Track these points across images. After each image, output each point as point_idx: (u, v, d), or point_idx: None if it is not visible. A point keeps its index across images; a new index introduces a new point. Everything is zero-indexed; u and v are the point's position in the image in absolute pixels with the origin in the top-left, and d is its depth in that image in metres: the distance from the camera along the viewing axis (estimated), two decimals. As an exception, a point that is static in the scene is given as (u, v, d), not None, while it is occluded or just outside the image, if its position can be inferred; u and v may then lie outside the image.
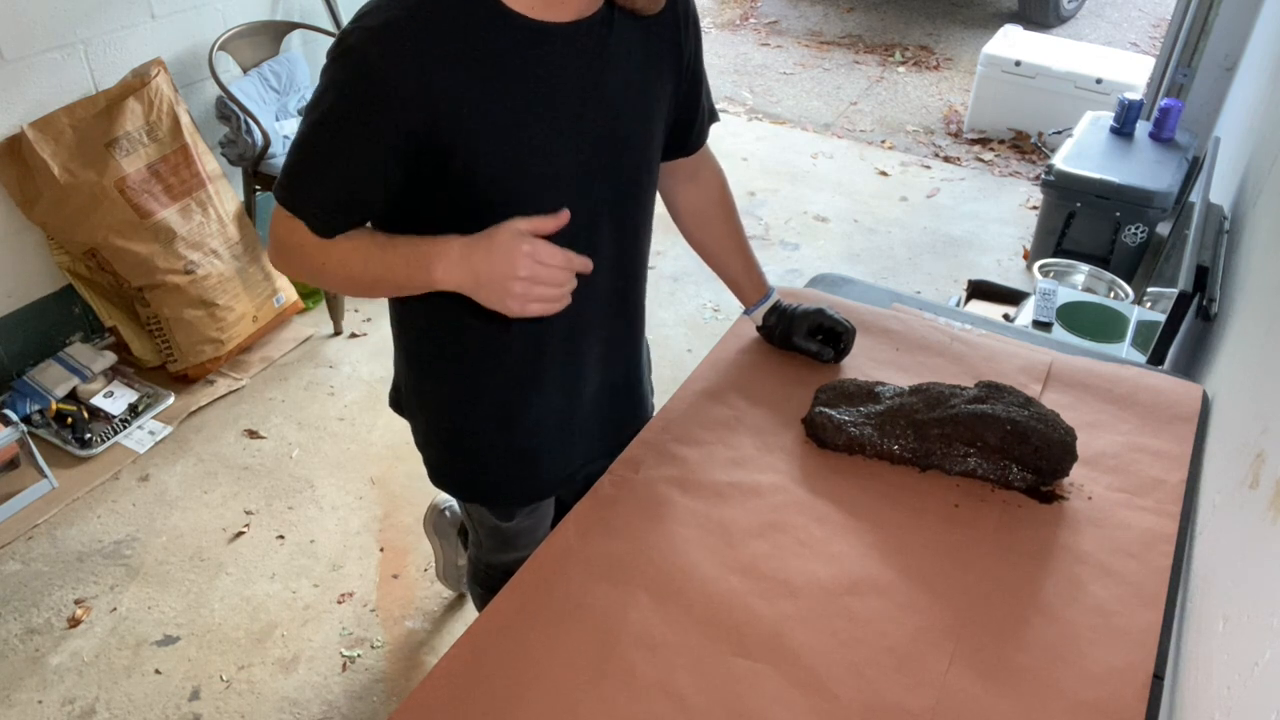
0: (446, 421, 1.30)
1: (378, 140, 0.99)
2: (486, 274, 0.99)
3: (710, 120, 1.30)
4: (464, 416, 1.27)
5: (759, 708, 0.94)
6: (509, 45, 1.00)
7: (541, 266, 0.97)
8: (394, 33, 0.95)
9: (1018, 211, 3.84)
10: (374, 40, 0.95)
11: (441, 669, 0.97)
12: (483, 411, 1.26)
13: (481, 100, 0.99)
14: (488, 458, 1.30)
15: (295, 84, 2.94)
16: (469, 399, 1.25)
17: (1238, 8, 3.34)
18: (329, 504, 2.32)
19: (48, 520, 2.24)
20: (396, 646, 1.98)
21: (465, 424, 1.28)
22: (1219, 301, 1.74)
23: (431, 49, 0.96)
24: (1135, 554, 1.13)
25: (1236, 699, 0.84)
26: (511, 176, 1.05)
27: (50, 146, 2.33)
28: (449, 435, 1.31)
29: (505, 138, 1.02)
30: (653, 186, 1.23)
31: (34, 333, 2.57)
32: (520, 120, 1.02)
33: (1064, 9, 5.86)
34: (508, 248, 0.97)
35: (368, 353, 2.85)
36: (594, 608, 1.04)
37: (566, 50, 1.03)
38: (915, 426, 1.23)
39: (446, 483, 1.37)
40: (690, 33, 1.17)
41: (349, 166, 1.01)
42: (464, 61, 0.97)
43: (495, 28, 0.99)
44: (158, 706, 1.85)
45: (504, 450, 1.29)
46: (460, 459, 1.33)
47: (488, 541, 1.49)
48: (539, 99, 1.03)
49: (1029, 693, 0.96)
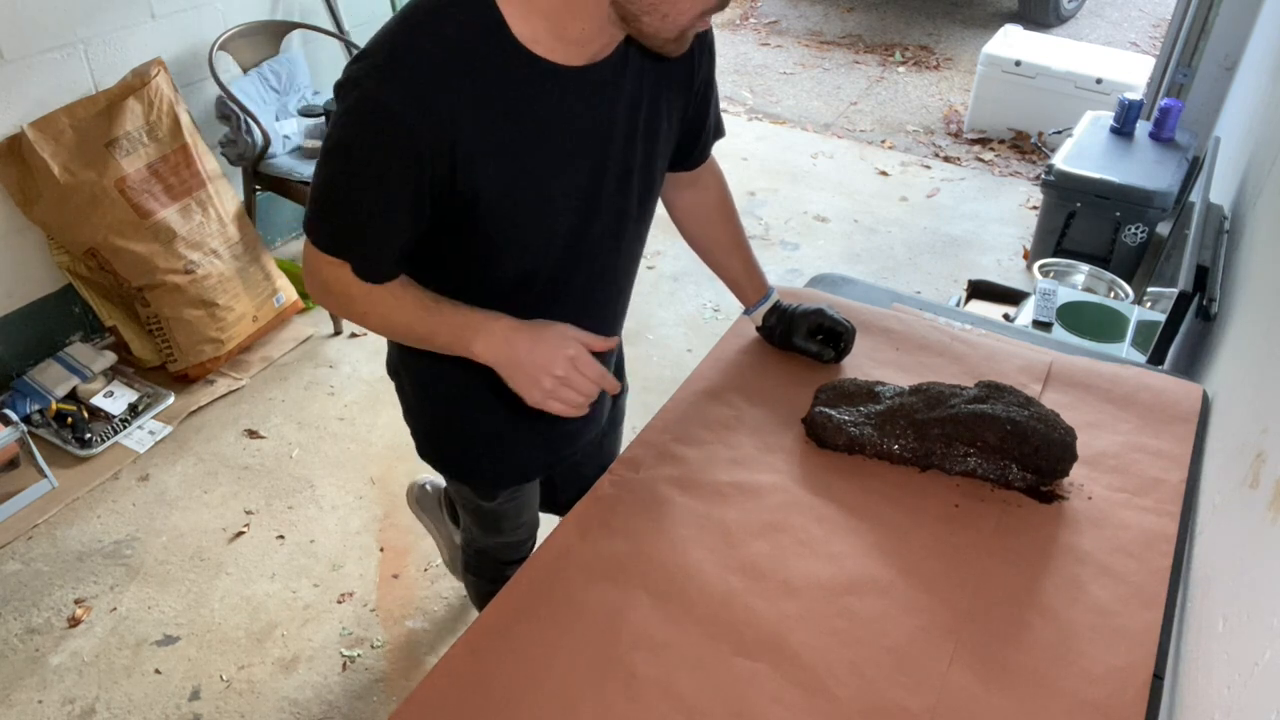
0: (432, 397, 1.32)
1: (407, 183, 0.97)
2: (526, 360, 1.04)
3: (715, 136, 1.30)
4: (449, 395, 1.29)
5: (759, 708, 0.94)
6: (522, 83, 0.98)
7: (577, 374, 1.04)
8: (409, 72, 0.93)
9: (1018, 211, 3.84)
10: (388, 82, 0.93)
11: (441, 669, 0.97)
12: (467, 392, 1.26)
13: (493, 136, 0.98)
14: (470, 437, 1.32)
15: (295, 84, 2.94)
16: (456, 378, 1.25)
17: (1238, 8, 3.34)
18: (329, 504, 2.32)
19: (48, 520, 2.24)
20: (396, 646, 1.98)
21: (450, 402, 1.30)
22: (1219, 301, 1.74)
23: (449, 86, 0.94)
24: (1135, 554, 1.13)
25: (1236, 699, 0.84)
26: (519, 212, 1.04)
27: (50, 146, 2.33)
28: (434, 411, 1.33)
29: (514, 174, 1.01)
30: (654, 205, 1.23)
31: (34, 333, 2.57)
32: (530, 157, 1.02)
33: (1064, 9, 5.86)
34: (554, 344, 1.04)
35: (368, 353, 2.85)
36: (594, 608, 1.04)
37: (580, 90, 1.02)
38: (915, 426, 1.23)
39: (430, 457, 1.38)
40: (705, 55, 1.16)
41: (386, 212, 1.00)
42: (480, 99, 0.96)
43: (510, 66, 0.97)
44: (158, 706, 1.85)
45: (485, 432, 1.30)
46: (443, 435, 1.35)
47: (474, 526, 1.52)
48: (550, 137, 1.02)
49: (1029, 693, 0.96)
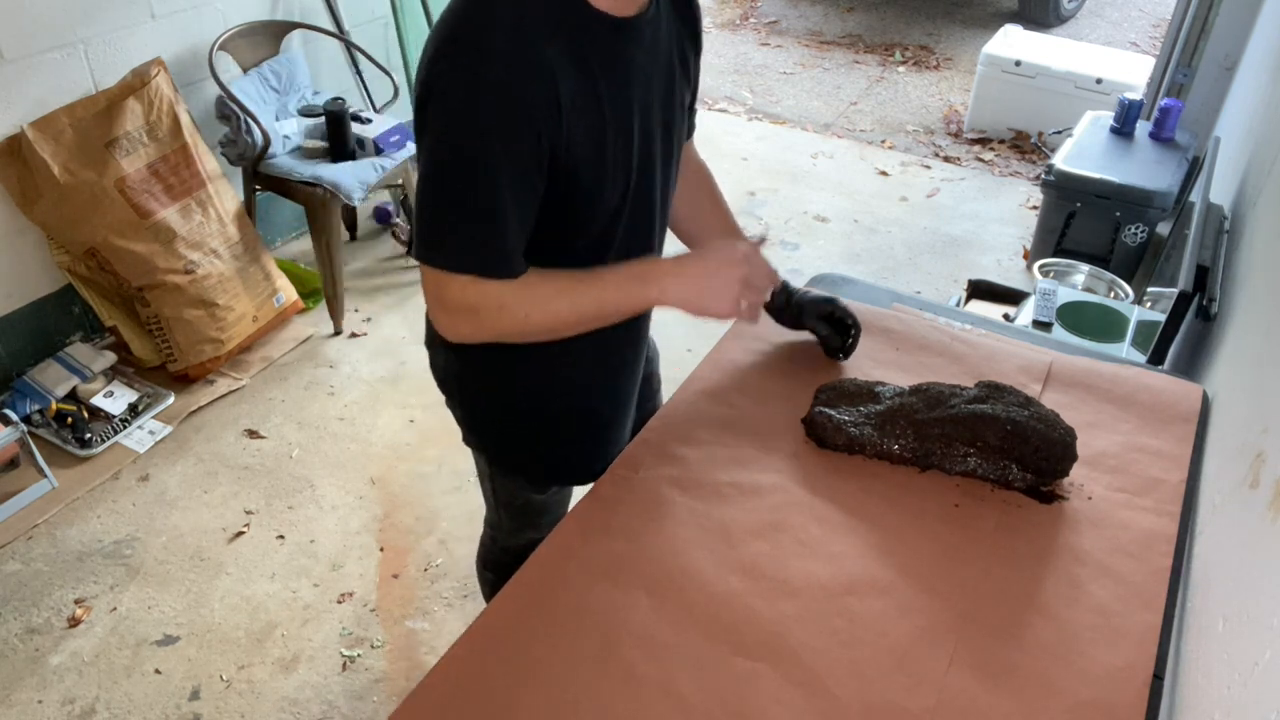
0: (509, 391, 1.28)
1: (529, 157, 0.98)
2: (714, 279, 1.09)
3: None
4: (512, 403, 1.28)
5: (759, 708, 0.94)
6: (596, 38, 1.02)
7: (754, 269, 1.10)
8: (506, 44, 0.94)
9: (1018, 211, 3.84)
10: (488, 60, 0.94)
11: (441, 669, 0.97)
12: (551, 387, 1.26)
13: (581, 94, 1.00)
14: (535, 444, 1.32)
15: (295, 84, 2.94)
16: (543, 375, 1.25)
17: (1238, 8, 3.34)
18: (329, 504, 2.32)
19: (48, 520, 2.24)
20: (396, 646, 1.98)
21: (529, 398, 1.27)
22: (1219, 301, 1.74)
23: (542, 49, 0.96)
24: (1135, 554, 1.13)
25: (1236, 699, 0.84)
26: (596, 167, 1.06)
27: (50, 146, 2.33)
28: (500, 421, 1.31)
29: (602, 129, 1.04)
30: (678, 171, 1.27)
31: (34, 332, 2.57)
32: (612, 109, 1.05)
33: (1064, 9, 5.86)
34: (724, 255, 1.10)
35: (368, 353, 2.85)
36: (594, 608, 1.04)
37: (638, 39, 1.07)
38: (915, 426, 1.23)
39: (487, 445, 1.36)
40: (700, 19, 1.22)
41: (517, 192, 0.99)
42: (567, 58, 0.99)
43: (582, 22, 1.01)
44: (158, 706, 1.85)
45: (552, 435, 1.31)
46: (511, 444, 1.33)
47: (509, 522, 1.48)
48: (624, 87, 1.06)
49: (1029, 693, 0.96)
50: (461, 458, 2.47)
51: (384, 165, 2.84)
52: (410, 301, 3.10)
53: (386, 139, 2.87)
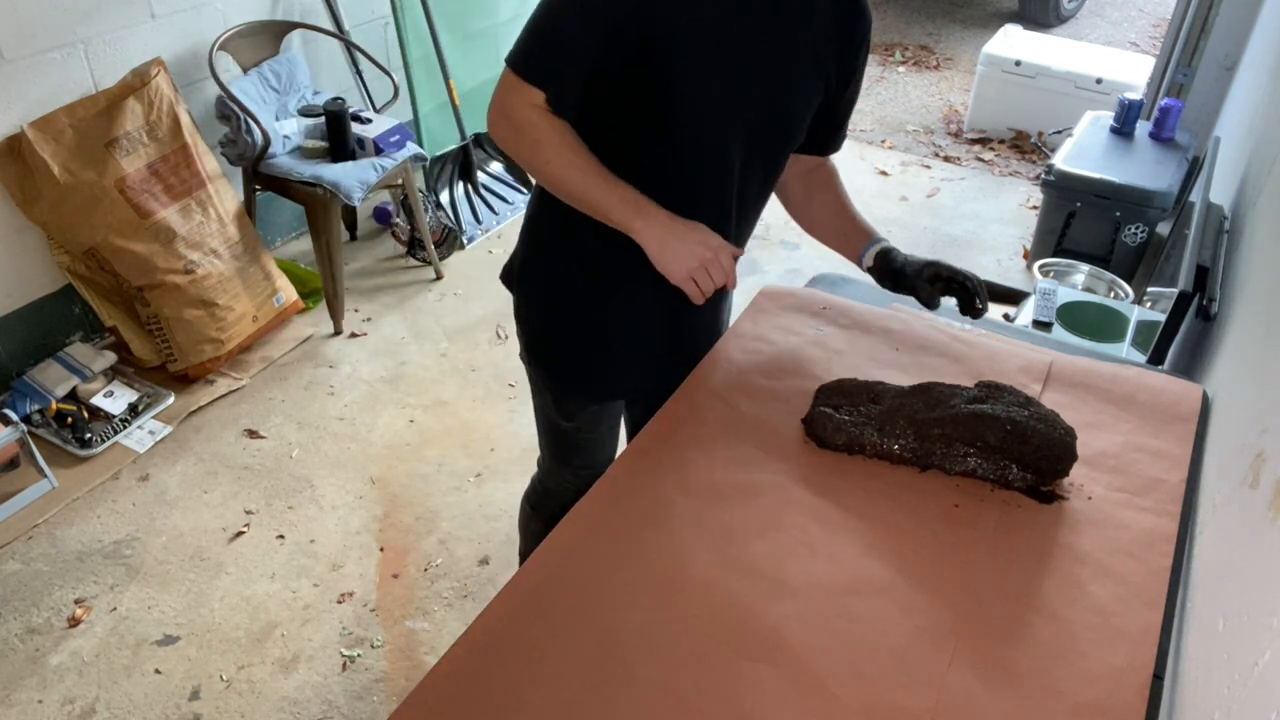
0: (554, 296, 1.41)
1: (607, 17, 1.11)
2: (681, 242, 1.19)
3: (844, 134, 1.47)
4: (565, 296, 1.40)
5: (759, 708, 0.94)
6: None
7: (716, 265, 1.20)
8: None
9: (1018, 211, 3.84)
10: None
11: (441, 669, 0.97)
12: (583, 298, 1.38)
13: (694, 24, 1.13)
14: (577, 339, 1.42)
15: (295, 84, 2.94)
16: (573, 282, 1.38)
17: (1238, 8, 3.34)
18: (329, 504, 2.32)
19: (48, 520, 2.24)
20: (396, 646, 1.98)
21: (563, 303, 1.40)
22: (1219, 301, 1.74)
23: None
24: (1135, 554, 1.13)
25: (1236, 699, 0.84)
26: (699, 98, 1.18)
27: (50, 146, 2.33)
28: (552, 308, 1.42)
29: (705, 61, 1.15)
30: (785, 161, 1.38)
31: (34, 332, 2.57)
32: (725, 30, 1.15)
33: (1064, 9, 5.86)
34: (704, 235, 1.21)
35: (368, 353, 2.85)
36: (594, 608, 1.04)
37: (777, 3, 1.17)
38: (915, 426, 1.23)
39: (532, 356, 1.48)
40: (864, 51, 1.32)
41: (580, 45, 1.13)
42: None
43: None
44: (158, 706, 1.85)
45: (588, 337, 1.41)
46: (551, 334, 1.44)
47: (551, 458, 1.61)
48: (744, 37, 1.16)
49: (1029, 693, 0.96)
50: (462, 457, 2.47)
51: (384, 165, 2.84)
52: (410, 301, 3.10)
53: (386, 139, 2.87)
